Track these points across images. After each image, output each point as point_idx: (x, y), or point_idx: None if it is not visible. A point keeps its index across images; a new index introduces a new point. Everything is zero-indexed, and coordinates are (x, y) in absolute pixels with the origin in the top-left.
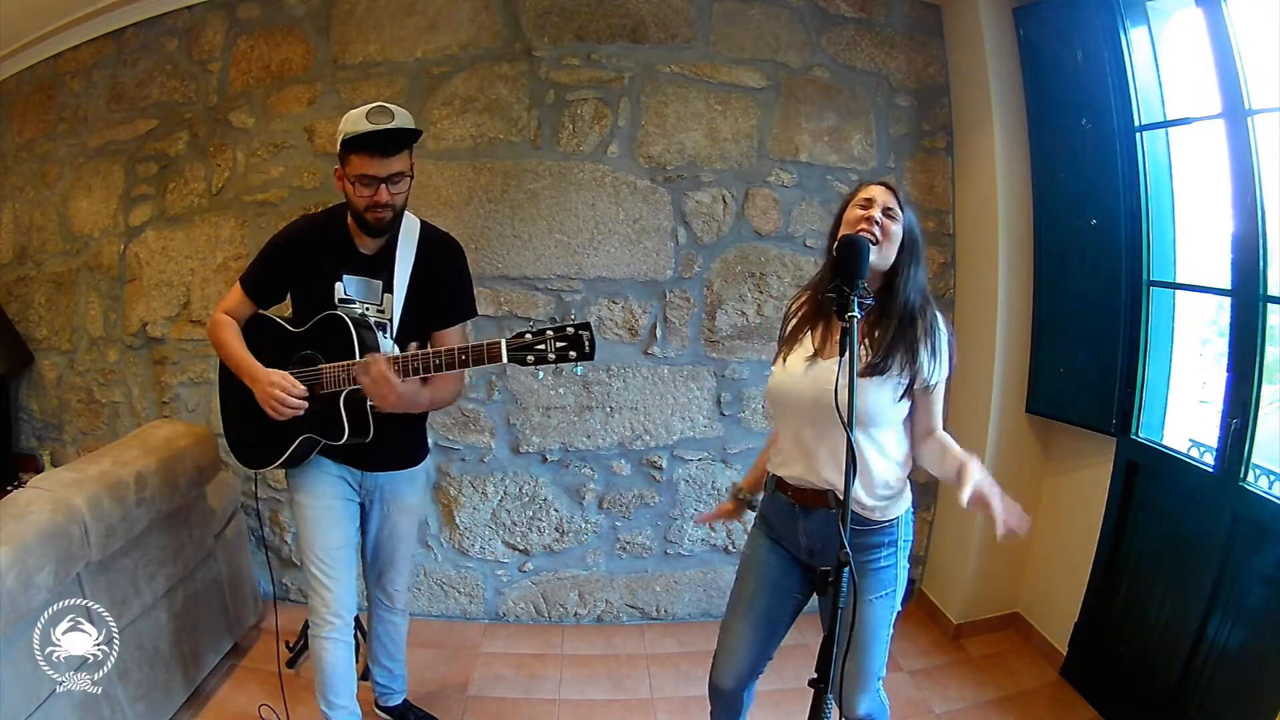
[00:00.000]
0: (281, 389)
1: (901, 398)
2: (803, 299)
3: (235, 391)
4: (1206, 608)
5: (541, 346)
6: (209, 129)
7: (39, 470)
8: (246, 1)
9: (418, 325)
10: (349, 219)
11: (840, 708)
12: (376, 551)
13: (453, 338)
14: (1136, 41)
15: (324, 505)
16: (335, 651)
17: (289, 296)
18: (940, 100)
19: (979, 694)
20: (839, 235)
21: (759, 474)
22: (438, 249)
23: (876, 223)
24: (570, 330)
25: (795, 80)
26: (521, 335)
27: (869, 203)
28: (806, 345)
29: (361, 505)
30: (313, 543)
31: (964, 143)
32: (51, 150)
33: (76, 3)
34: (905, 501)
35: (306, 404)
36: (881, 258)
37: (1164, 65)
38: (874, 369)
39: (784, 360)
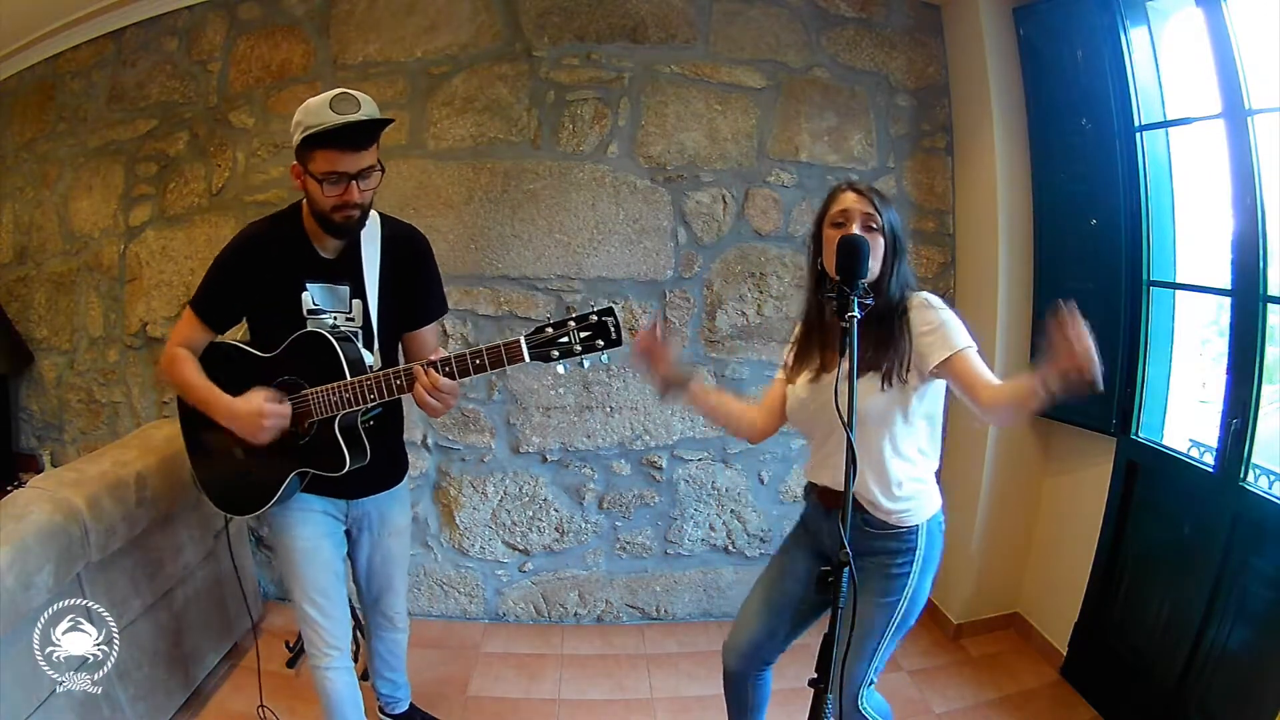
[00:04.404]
0: (264, 413)
1: (885, 386)
2: (797, 328)
3: (204, 433)
4: (1206, 608)
5: (565, 340)
6: (209, 129)
7: (39, 470)
8: (246, 1)
9: (393, 329)
10: (304, 221)
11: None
12: (370, 578)
13: (428, 337)
14: (1136, 41)
15: (313, 546)
16: (339, 680)
17: (245, 319)
18: (940, 100)
19: (979, 694)
20: (822, 252)
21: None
22: (404, 245)
23: None
24: (593, 318)
25: (795, 80)
26: (541, 330)
27: (844, 219)
28: (813, 363)
29: (349, 532)
30: (303, 582)
31: (964, 143)
32: (51, 150)
33: (76, 3)
34: (929, 508)
35: (291, 411)
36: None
37: (1164, 65)
38: (861, 365)
39: (794, 383)
